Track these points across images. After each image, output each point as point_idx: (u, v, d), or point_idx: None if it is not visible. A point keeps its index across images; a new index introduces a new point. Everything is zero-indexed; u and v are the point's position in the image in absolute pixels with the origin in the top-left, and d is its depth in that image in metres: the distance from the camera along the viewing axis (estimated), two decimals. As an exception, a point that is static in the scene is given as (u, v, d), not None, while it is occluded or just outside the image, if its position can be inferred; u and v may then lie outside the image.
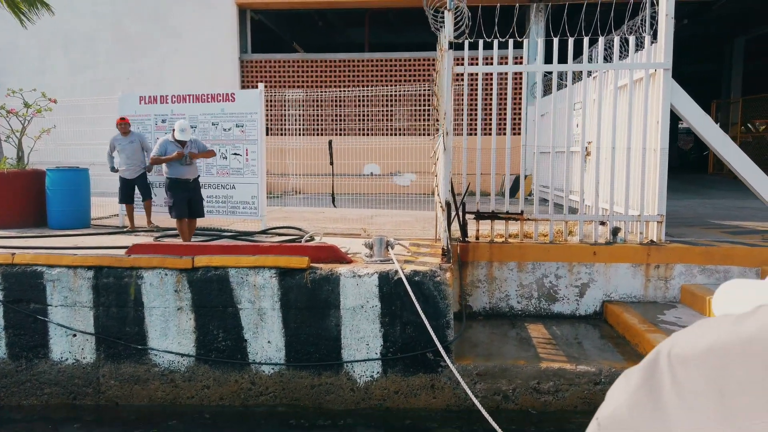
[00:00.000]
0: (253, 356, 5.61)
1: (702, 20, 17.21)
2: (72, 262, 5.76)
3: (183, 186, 6.95)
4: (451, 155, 6.20)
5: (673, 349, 0.58)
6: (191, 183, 7.03)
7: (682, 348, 0.57)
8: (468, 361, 5.51)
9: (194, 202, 7.14)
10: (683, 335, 0.59)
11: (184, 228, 7.01)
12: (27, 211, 8.45)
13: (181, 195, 6.93)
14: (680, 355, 0.57)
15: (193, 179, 7.07)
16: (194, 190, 7.12)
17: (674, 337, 0.60)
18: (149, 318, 5.69)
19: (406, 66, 15.03)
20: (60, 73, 15.22)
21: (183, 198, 6.94)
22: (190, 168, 6.95)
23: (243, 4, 15.05)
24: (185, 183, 6.94)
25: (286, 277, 5.56)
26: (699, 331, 0.58)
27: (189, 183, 6.99)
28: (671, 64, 6.49)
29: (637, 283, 6.74)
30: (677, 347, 0.58)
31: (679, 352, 0.57)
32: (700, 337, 0.57)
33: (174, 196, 6.94)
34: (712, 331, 0.56)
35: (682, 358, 0.56)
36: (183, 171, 6.90)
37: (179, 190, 6.94)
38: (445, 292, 5.50)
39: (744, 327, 0.54)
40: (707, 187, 15.90)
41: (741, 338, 0.53)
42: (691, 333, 0.58)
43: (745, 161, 6.64)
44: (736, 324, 0.55)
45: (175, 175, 6.90)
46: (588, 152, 8.03)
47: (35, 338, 5.81)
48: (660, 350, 0.59)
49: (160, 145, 6.91)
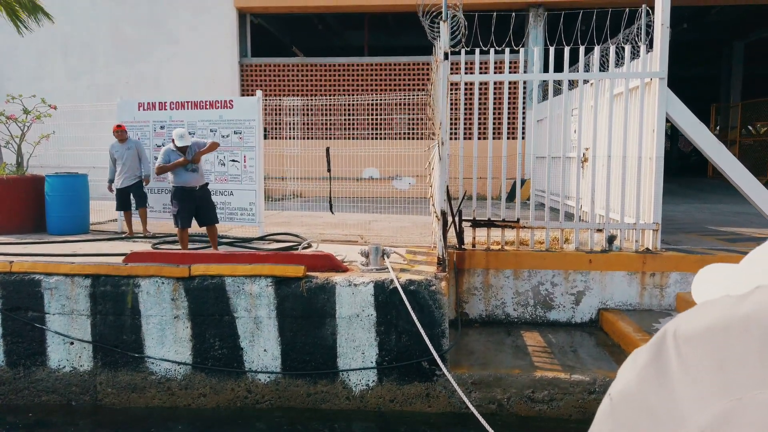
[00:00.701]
0: (249, 364, 5.64)
1: (701, 24, 17.24)
2: (70, 270, 5.79)
3: (188, 194, 6.79)
4: (447, 164, 6.22)
5: (678, 328, 0.63)
6: (197, 191, 6.85)
7: (686, 327, 0.62)
8: (463, 370, 5.53)
9: (203, 209, 6.94)
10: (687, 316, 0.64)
11: (184, 237, 6.92)
12: (26, 217, 8.49)
13: (186, 204, 6.79)
14: (685, 334, 0.62)
15: (200, 187, 6.88)
16: (201, 198, 6.92)
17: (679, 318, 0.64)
18: (146, 326, 5.72)
19: (405, 70, 15.07)
20: (59, 78, 15.27)
21: (188, 207, 6.80)
22: (195, 175, 6.81)
23: (243, 9, 15.09)
24: (191, 191, 6.79)
25: (282, 285, 5.59)
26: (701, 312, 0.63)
27: (195, 191, 6.82)
28: (666, 73, 6.52)
29: (632, 291, 6.76)
30: (682, 327, 0.63)
31: (684, 331, 0.62)
32: (702, 317, 0.62)
33: (179, 204, 6.80)
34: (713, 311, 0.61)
35: (686, 336, 0.61)
36: (188, 178, 6.77)
37: (184, 199, 6.79)
38: (440, 301, 5.53)
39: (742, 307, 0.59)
40: (706, 192, 15.92)
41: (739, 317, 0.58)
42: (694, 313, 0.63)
43: (740, 170, 6.67)
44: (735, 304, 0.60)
45: (180, 182, 6.78)
46: (585, 158, 8.06)
47: (33, 346, 5.84)
48: (666, 330, 0.65)
49: (164, 154, 6.83)
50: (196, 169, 6.81)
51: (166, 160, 6.79)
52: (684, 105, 6.64)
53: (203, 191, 7.00)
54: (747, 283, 0.67)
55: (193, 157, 6.70)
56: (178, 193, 6.82)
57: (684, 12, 15.78)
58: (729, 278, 0.73)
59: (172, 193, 6.93)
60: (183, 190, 6.79)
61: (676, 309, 6.70)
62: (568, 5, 14.30)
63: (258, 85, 15.37)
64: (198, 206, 6.88)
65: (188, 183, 6.78)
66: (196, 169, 6.81)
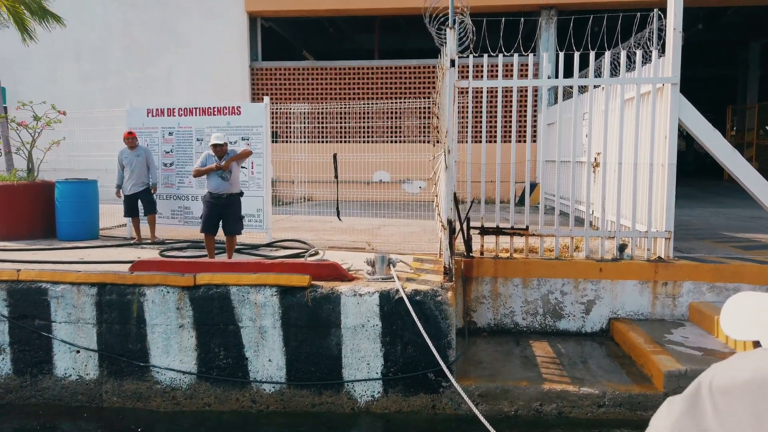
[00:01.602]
0: (254, 374, 5.61)
1: (716, 25, 16.99)
2: (76, 279, 5.79)
3: (214, 200, 6.79)
4: (454, 173, 6.14)
5: (713, 380, 0.63)
6: (224, 198, 6.80)
7: (723, 380, 0.63)
8: (470, 382, 5.46)
9: (225, 217, 6.86)
10: (722, 367, 0.65)
11: (209, 244, 6.88)
12: (36, 223, 8.54)
13: (211, 209, 6.79)
14: (721, 387, 0.63)
15: (227, 195, 6.81)
16: (226, 206, 6.84)
17: (714, 369, 0.66)
18: (151, 335, 5.70)
19: (415, 73, 15.00)
20: (71, 83, 15.40)
21: (212, 213, 6.78)
22: (224, 183, 6.74)
23: (253, 13, 15.12)
24: (217, 197, 6.77)
25: (287, 295, 5.55)
26: (738, 365, 0.63)
27: (221, 198, 6.78)
28: (679, 78, 6.39)
29: (644, 301, 6.64)
30: (717, 379, 0.63)
31: (720, 384, 0.63)
32: (739, 370, 0.62)
33: (204, 209, 6.89)
34: (751, 364, 0.62)
35: (723, 389, 0.62)
36: (216, 185, 6.76)
37: (209, 204, 6.83)
38: (446, 312, 5.45)
39: None
40: (721, 195, 15.66)
41: None
42: (731, 366, 0.64)
43: (755, 177, 6.52)
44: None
45: (209, 188, 6.83)
46: (597, 163, 7.94)
47: (40, 354, 5.85)
48: (701, 382, 0.65)
49: (202, 158, 6.89)
50: (226, 177, 6.71)
51: (203, 163, 6.82)
52: (697, 111, 6.50)
53: (231, 200, 6.87)
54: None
55: (224, 163, 6.64)
56: (205, 197, 6.93)
57: (699, 12, 15.56)
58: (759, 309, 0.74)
59: (203, 197, 7.00)
60: (210, 195, 6.84)
61: (688, 319, 6.56)
62: (580, 6, 14.15)
63: (268, 88, 15.38)
64: (222, 213, 6.83)
65: (216, 190, 6.77)
66: (227, 177, 6.71)
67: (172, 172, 8.49)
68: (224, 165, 6.65)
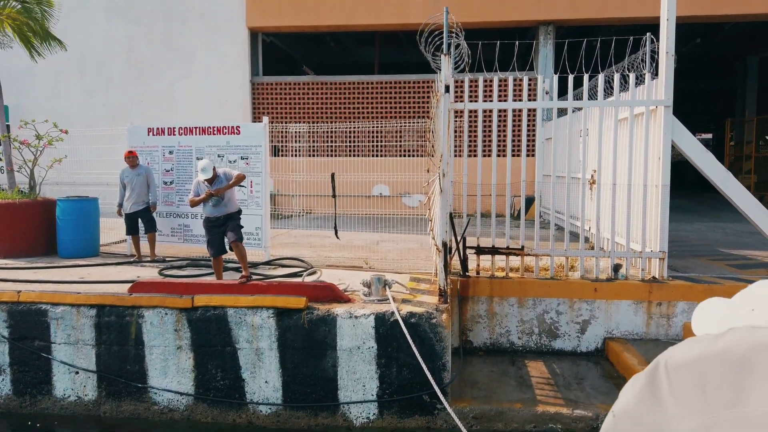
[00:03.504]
0: (250, 396, 5.66)
1: (714, 39, 17.09)
2: (75, 300, 5.87)
3: (213, 223, 6.75)
4: (450, 196, 6.22)
5: (668, 359, 0.79)
6: (221, 219, 6.75)
7: (675, 359, 0.78)
8: (465, 403, 5.50)
9: (225, 231, 6.75)
10: (676, 349, 0.81)
11: (217, 267, 6.84)
12: (38, 240, 8.63)
13: (213, 232, 6.76)
14: (673, 364, 0.78)
15: (224, 216, 6.75)
16: (224, 224, 6.76)
17: (669, 350, 0.81)
18: (149, 356, 5.77)
19: (414, 88, 15.12)
20: (75, 97, 15.56)
21: (215, 235, 6.75)
22: (217, 208, 6.70)
23: (255, 28, 15.27)
24: (215, 220, 6.74)
25: (283, 317, 5.61)
26: (687, 347, 0.79)
27: (219, 219, 6.74)
28: (672, 101, 6.47)
29: (639, 321, 6.69)
30: (672, 358, 0.79)
31: (673, 362, 0.78)
32: (688, 350, 0.78)
33: (207, 233, 6.83)
34: (696, 346, 0.78)
35: (675, 366, 0.77)
36: (210, 211, 6.72)
37: (209, 229, 6.78)
38: (441, 334, 5.51)
39: (718, 344, 0.75)
40: (719, 209, 15.69)
41: (716, 352, 0.74)
42: (682, 347, 0.80)
43: (747, 198, 6.59)
44: (713, 341, 0.76)
45: (205, 213, 6.80)
46: (593, 180, 8.02)
47: (39, 375, 5.92)
48: (659, 361, 0.80)
49: (194, 187, 6.81)
50: (217, 203, 6.66)
51: (195, 193, 6.73)
52: (690, 133, 6.58)
53: (228, 217, 6.79)
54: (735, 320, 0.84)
55: (215, 191, 6.54)
56: (204, 223, 6.86)
57: (697, 27, 15.67)
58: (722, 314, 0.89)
59: (203, 223, 6.96)
60: (207, 221, 6.73)
61: (683, 338, 6.59)
62: (578, 22, 14.28)
63: (269, 103, 15.51)
64: (223, 232, 6.74)
65: (211, 214, 6.71)
66: (218, 203, 6.66)
67: (172, 191, 8.57)
68: (215, 192, 6.53)
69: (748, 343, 0.72)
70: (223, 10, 15.18)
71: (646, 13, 13.03)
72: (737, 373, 0.70)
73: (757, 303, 0.86)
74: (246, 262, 6.61)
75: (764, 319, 0.83)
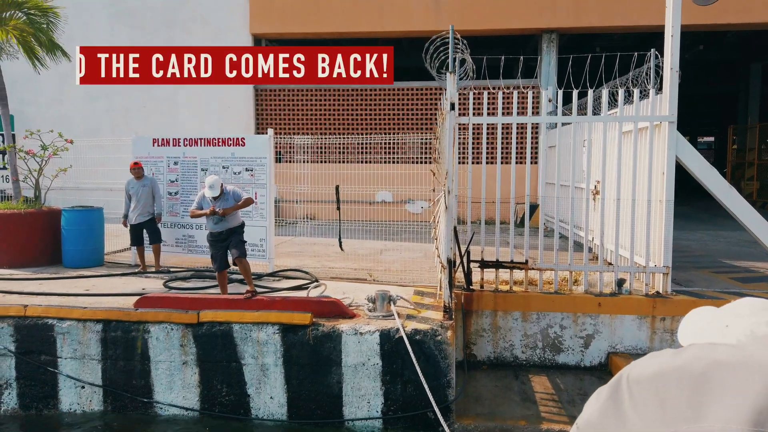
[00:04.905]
0: (255, 411, 5.69)
1: (717, 46, 17.11)
2: (82, 315, 5.90)
3: (216, 238, 6.72)
4: (454, 213, 6.24)
5: (630, 373, 0.79)
6: (224, 234, 6.71)
7: (635, 372, 0.78)
8: (469, 420, 5.52)
9: (229, 246, 6.72)
10: (638, 363, 0.80)
11: (221, 281, 6.79)
12: (43, 250, 8.66)
13: (217, 247, 6.72)
14: (635, 378, 0.77)
15: (227, 230, 6.72)
16: (227, 239, 6.73)
17: (632, 365, 0.81)
18: (155, 371, 5.80)
19: (417, 95, 15.15)
20: (78, 102, 15.60)
21: (219, 250, 6.72)
22: (220, 225, 6.67)
23: (258, 35, 15.31)
24: (218, 235, 6.70)
25: (288, 333, 5.64)
26: (648, 361, 0.79)
27: (222, 234, 6.70)
28: (676, 116, 6.49)
29: (642, 335, 6.70)
30: (633, 372, 0.79)
31: (634, 375, 0.77)
32: (648, 365, 0.78)
33: (211, 248, 6.80)
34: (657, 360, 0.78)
35: (636, 379, 0.77)
36: (213, 227, 6.69)
37: (213, 244, 6.75)
38: (446, 351, 5.53)
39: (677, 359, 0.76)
40: (720, 216, 15.66)
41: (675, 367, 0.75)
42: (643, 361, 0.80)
43: (750, 212, 6.60)
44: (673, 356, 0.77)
45: (208, 228, 6.78)
46: (597, 191, 8.04)
47: (45, 389, 5.95)
48: (622, 374, 0.80)
49: (197, 200, 6.79)
50: (220, 220, 6.61)
51: (198, 206, 6.70)
52: (694, 149, 6.60)
53: (232, 231, 6.75)
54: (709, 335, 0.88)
55: (222, 211, 6.49)
56: (208, 237, 6.82)
57: (699, 34, 15.68)
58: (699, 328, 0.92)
59: (207, 237, 6.93)
60: (211, 235, 6.69)
61: (686, 354, 6.62)
62: (580, 30, 14.30)
63: (272, 109, 15.55)
64: (227, 246, 6.70)
65: (214, 230, 6.69)
66: (221, 219, 6.61)
67: (177, 201, 8.60)
68: (221, 212, 6.49)
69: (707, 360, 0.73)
70: (226, 16, 15.22)
71: (649, 21, 13.07)
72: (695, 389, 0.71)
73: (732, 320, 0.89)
74: (250, 276, 6.61)
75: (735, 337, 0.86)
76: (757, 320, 0.87)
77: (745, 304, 0.92)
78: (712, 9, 13.14)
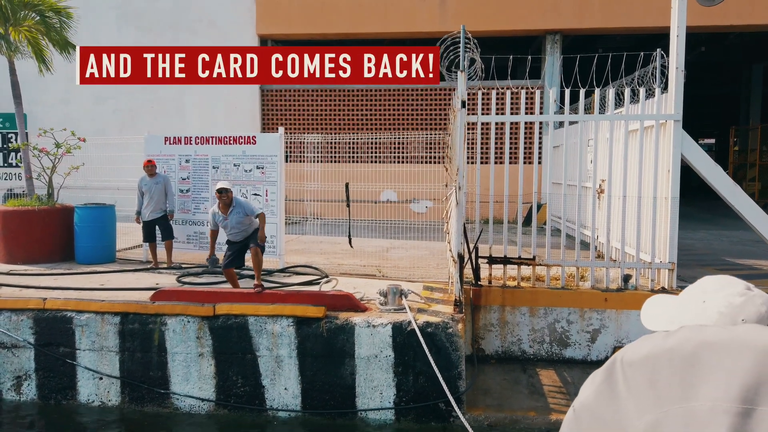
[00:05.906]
0: (270, 402, 5.81)
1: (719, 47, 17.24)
2: (100, 308, 6.02)
3: (231, 245, 6.88)
4: (464, 208, 6.37)
5: (624, 355, 0.83)
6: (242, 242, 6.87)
7: (629, 355, 0.82)
8: (479, 411, 5.64)
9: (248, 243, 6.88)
10: (631, 345, 0.85)
11: (231, 277, 6.84)
12: (56, 247, 8.78)
13: (232, 250, 6.86)
14: (628, 360, 0.82)
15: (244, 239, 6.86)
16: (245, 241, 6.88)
17: (625, 348, 0.86)
18: (172, 363, 5.92)
19: (422, 95, 15.28)
20: (85, 102, 15.74)
21: (234, 252, 6.86)
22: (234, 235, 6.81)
23: (264, 36, 15.45)
24: (233, 243, 6.86)
25: (302, 325, 5.76)
26: (640, 344, 0.84)
27: (237, 243, 6.85)
28: (681, 115, 6.62)
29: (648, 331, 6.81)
30: (626, 355, 0.83)
31: (628, 358, 0.82)
32: (641, 348, 0.82)
33: (228, 249, 6.91)
34: (649, 343, 0.82)
35: (629, 362, 0.81)
36: (229, 237, 6.86)
37: (231, 244, 6.88)
38: (457, 343, 5.65)
39: (669, 341, 0.80)
40: (723, 216, 15.80)
41: (666, 348, 0.79)
42: (636, 345, 0.84)
43: (755, 210, 6.73)
44: (665, 339, 0.81)
45: (227, 237, 6.91)
46: (601, 189, 8.16)
47: (64, 381, 6.07)
48: (616, 357, 0.85)
49: (210, 216, 6.92)
50: (236, 232, 6.76)
51: (214, 224, 6.85)
52: (699, 147, 6.72)
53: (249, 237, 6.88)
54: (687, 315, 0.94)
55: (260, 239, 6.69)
56: (227, 242, 6.96)
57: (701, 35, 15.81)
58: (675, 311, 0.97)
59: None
60: (228, 242, 6.88)
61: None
62: (584, 32, 14.44)
63: (278, 109, 15.68)
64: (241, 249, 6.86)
65: (233, 239, 6.84)
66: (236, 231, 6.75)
67: (189, 199, 8.73)
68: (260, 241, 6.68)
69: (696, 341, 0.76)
70: (233, 17, 15.36)
71: (651, 23, 13.21)
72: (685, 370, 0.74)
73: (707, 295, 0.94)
74: (260, 270, 6.73)
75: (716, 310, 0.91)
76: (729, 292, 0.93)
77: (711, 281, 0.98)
78: (714, 11, 13.28)
